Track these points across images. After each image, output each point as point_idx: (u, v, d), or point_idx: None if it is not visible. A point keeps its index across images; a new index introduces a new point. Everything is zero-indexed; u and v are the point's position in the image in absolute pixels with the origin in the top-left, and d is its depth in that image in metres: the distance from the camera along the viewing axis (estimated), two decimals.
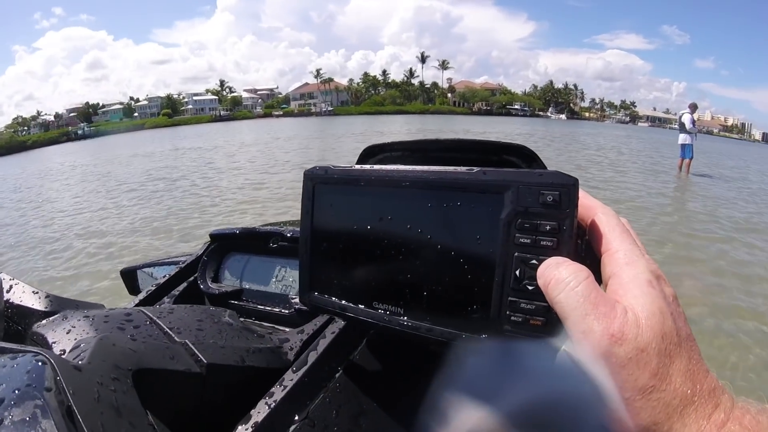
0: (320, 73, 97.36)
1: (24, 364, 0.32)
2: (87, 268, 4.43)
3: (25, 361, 0.32)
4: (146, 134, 47.63)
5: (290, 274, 0.84)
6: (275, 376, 0.50)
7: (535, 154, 0.47)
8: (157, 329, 0.50)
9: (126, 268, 1.38)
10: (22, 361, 0.33)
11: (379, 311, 0.43)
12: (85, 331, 0.46)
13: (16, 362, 0.32)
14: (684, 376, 0.29)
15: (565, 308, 0.30)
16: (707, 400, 0.28)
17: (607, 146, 18.17)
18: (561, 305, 0.31)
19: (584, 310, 0.30)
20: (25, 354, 0.33)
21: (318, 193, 0.47)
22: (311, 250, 0.47)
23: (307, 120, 61.16)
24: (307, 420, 0.48)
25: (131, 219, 6.37)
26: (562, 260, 0.32)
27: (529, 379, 0.36)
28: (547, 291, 0.32)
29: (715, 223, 5.56)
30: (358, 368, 0.56)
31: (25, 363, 0.32)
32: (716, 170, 11.57)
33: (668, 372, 0.28)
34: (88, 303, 0.68)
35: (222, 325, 0.57)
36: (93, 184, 10.68)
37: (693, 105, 9.45)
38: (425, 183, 0.40)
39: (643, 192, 7.66)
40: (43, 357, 0.33)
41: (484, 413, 0.45)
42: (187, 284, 0.86)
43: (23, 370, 0.31)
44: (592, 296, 0.30)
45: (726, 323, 2.94)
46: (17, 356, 0.33)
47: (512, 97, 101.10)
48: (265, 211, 6.31)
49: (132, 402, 0.36)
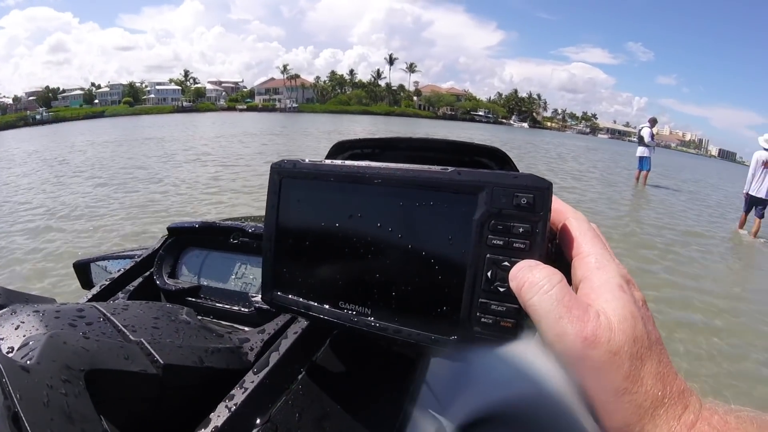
0: (287, 69, 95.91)
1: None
2: (37, 259, 4.08)
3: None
4: (105, 122, 45.46)
5: (251, 271, 0.82)
6: (235, 378, 0.49)
7: (508, 157, 0.47)
8: (111, 327, 0.48)
9: (79, 261, 1.30)
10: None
11: (346, 311, 0.42)
12: (34, 327, 0.43)
13: None
14: (655, 379, 0.29)
15: (539, 311, 0.31)
16: (677, 401, 0.29)
17: (567, 155, 18.71)
18: (534, 308, 0.31)
19: (558, 314, 0.30)
20: None
21: (285, 188, 0.45)
22: (276, 246, 0.46)
23: (270, 115, 60.01)
24: (269, 424, 0.46)
25: (83, 210, 5.86)
26: (534, 263, 0.32)
27: (498, 381, 0.36)
28: (520, 294, 0.32)
29: (665, 229, 6.19)
30: (321, 369, 0.54)
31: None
32: (672, 182, 12.15)
33: (640, 374, 0.29)
34: (39, 297, 0.62)
35: (179, 324, 0.54)
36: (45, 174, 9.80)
37: (653, 119, 9.79)
38: (398, 181, 0.39)
39: (602, 199, 8.03)
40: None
41: (450, 414, 0.47)
42: (142, 279, 0.83)
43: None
44: (565, 300, 0.30)
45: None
46: None
47: (477, 104, 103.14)
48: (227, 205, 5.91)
49: (84, 406, 0.34)
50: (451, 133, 28.09)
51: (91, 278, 1.28)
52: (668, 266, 4.61)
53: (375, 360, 0.55)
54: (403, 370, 0.50)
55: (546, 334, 0.30)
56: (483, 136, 29.39)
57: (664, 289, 3.91)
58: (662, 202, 8.57)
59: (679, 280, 4.22)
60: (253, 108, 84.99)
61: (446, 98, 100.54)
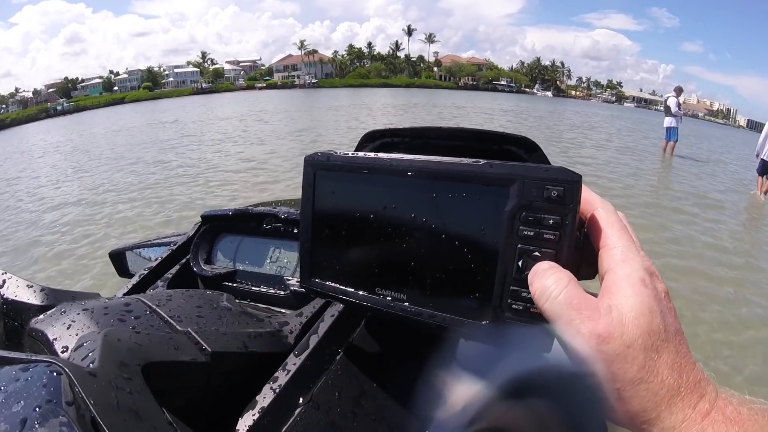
0: (304, 45, 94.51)
1: (38, 376, 0.30)
2: (78, 251, 4.35)
3: (39, 373, 0.31)
4: (126, 108, 46.17)
5: (285, 255, 0.84)
6: (276, 361, 0.50)
7: (536, 145, 0.46)
8: (158, 318, 0.49)
9: (114, 250, 1.36)
10: (36, 372, 0.31)
11: (382, 297, 0.43)
12: (86, 326, 0.44)
13: (29, 375, 0.31)
14: (671, 369, 0.30)
15: (551, 316, 0.33)
16: (693, 390, 0.30)
17: (600, 127, 18.28)
18: (547, 313, 0.33)
19: (569, 317, 0.32)
20: (37, 364, 0.32)
21: (319, 179, 0.46)
22: (312, 235, 0.47)
23: (291, 92, 59.93)
24: (311, 403, 0.48)
25: (116, 200, 6.21)
26: (547, 266, 0.34)
27: (525, 362, 0.38)
28: (535, 300, 0.34)
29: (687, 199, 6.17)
30: (357, 350, 0.57)
31: (40, 375, 0.31)
32: (698, 152, 11.86)
33: (655, 365, 0.30)
34: (84, 293, 0.66)
35: (221, 311, 0.56)
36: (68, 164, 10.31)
37: (678, 88, 9.51)
38: (431, 173, 0.40)
39: (632, 170, 7.95)
40: (57, 367, 0.31)
41: (479, 392, 0.46)
42: (179, 267, 0.86)
43: (39, 384, 0.30)
44: (574, 302, 0.32)
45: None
46: (29, 367, 0.31)
47: (499, 73, 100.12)
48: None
49: (148, 402, 0.35)
50: (473, 103, 27.68)
51: (127, 266, 1.34)
52: (708, 227, 4.86)
53: (408, 341, 0.59)
54: (433, 350, 0.53)
55: (562, 335, 0.33)
56: (503, 105, 28.60)
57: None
58: (688, 172, 8.47)
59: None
60: (272, 86, 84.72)
61: (467, 68, 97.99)
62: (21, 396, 0.29)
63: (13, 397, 0.29)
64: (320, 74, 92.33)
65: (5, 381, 0.30)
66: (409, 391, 0.54)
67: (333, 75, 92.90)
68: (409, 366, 0.57)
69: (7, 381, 0.30)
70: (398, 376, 0.57)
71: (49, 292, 0.62)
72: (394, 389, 0.55)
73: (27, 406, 0.28)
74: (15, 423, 0.27)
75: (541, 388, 0.40)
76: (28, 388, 0.29)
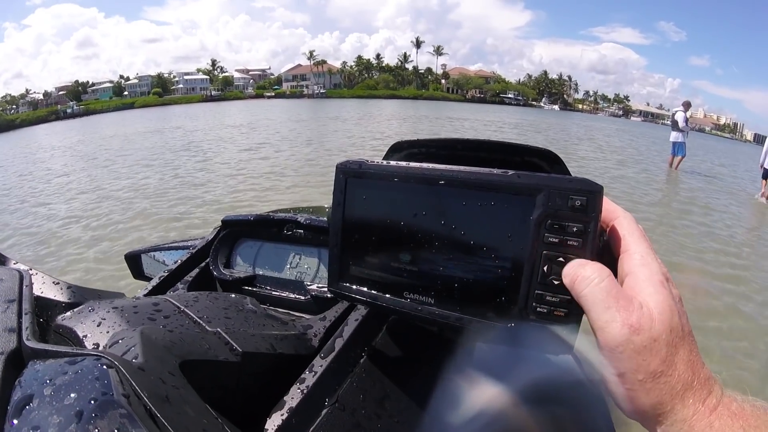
0: (313, 55, 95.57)
1: (89, 369, 0.30)
2: (90, 253, 4.46)
3: (89, 366, 0.30)
4: (137, 113, 46.79)
5: (305, 261, 0.85)
6: (302, 362, 0.52)
7: (559, 158, 0.48)
8: (187, 318, 0.51)
9: (130, 252, 1.38)
10: (86, 366, 0.31)
11: (410, 301, 0.44)
12: (117, 324, 0.45)
13: (78, 368, 0.30)
14: (686, 365, 0.33)
15: (590, 301, 0.34)
16: (703, 386, 0.33)
17: (611, 144, 18.35)
18: (586, 299, 0.35)
19: (607, 303, 0.34)
20: (85, 358, 0.32)
21: (351, 186, 0.47)
22: (342, 241, 0.48)
23: (300, 101, 60.47)
24: (336, 404, 0.49)
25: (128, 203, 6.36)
26: (585, 261, 0.36)
27: (546, 364, 0.40)
28: (574, 286, 0.36)
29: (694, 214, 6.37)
30: (380, 354, 0.58)
31: (90, 368, 0.30)
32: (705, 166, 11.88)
33: (674, 360, 0.33)
34: (110, 292, 0.68)
35: (247, 313, 0.58)
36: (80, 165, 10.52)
37: (687, 103, 9.55)
38: (461, 182, 0.41)
39: (639, 183, 8.03)
40: (107, 360, 0.31)
41: (499, 395, 0.50)
42: (199, 270, 0.87)
43: (90, 377, 0.29)
44: (613, 292, 0.34)
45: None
46: (76, 361, 0.31)
47: (506, 86, 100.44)
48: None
49: (193, 397, 0.35)
50: (480, 117, 27.74)
51: (143, 269, 1.35)
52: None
53: (429, 344, 0.60)
54: (452, 354, 0.54)
55: (595, 322, 0.34)
56: (510, 119, 28.77)
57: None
58: (693, 188, 8.52)
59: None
60: (280, 95, 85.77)
61: (474, 81, 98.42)
62: (72, 389, 0.28)
63: (63, 390, 0.28)
64: (329, 84, 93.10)
65: (51, 374, 0.30)
66: (429, 394, 0.56)
67: (341, 85, 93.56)
68: (430, 370, 0.59)
69: (53, 374, 0.30)
70: (419, 380, 0.59)
71: (76, 290, 0.62)
72: (416, 392, 0.57)
73: (81, 398, 0.27)
74: (70, 416, 0.26)
75: (556, 394, 0.43)
76: (78, 381, 0.29)
